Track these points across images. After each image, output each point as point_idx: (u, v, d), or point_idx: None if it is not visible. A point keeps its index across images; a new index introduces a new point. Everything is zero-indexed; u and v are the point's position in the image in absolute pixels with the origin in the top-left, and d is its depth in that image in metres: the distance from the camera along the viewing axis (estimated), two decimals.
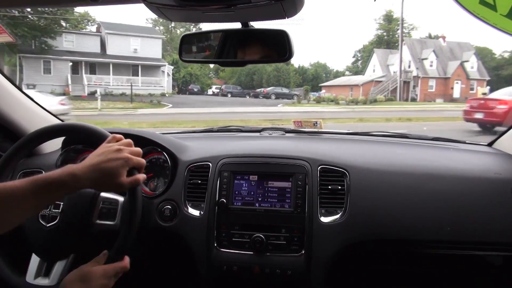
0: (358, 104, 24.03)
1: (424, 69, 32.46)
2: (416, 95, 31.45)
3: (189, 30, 43.24)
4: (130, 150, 1.00)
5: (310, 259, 1.30)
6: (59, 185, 0.90)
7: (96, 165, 0.93)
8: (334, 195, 1.37)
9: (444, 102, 29.24)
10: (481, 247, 1.36)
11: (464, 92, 31.53)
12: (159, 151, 1.52)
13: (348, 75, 44.06)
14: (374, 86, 30.05)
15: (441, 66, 33.02)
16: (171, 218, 1.41)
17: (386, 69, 33.75)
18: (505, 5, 0.85)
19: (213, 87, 34.23)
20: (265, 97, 28.69)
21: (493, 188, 1.36)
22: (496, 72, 38.44)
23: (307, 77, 42.05)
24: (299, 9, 0.99)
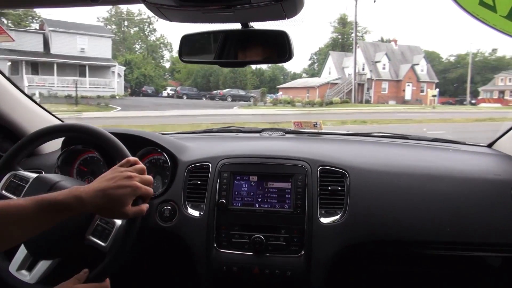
0: (315, 106, 24.12)
1: (377, 72, 33.40)
2: (370, 97, 32.09)
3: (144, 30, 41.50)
4: (140, 178, 0.98)
5: (310, 259, 1.30)
6: (63, 208, 0.89)
7: (103, 190, 0.92)
8: (334, 195, 1.37)
9: (397, 104, 30.19)
10: (481, 248, 1.36)
11: (415, 94, 33.64)
12: (159, 151, 1.52)
13: (305, 77, 43.84)
14: (330, 88, 30.40)
15: (393, 69, 34.07)
16: (170, 218, 1.41)
17: (341, 72, 34.23)
18: (505, 6, 0.85)
19: (168, 89, 33.03)
20: (221, 99, 28.12)
21: (493, 189, 1.36)
22: (443, 75, 40.74)
23: (265, 79, 41.68)
24: (299, 10, 0.99)
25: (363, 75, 32.06)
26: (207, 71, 37.16)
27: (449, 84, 40.57)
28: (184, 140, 1.67)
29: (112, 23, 39.78)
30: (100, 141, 1.18)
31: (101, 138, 1.18)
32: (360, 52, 33.08)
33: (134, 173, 0.98)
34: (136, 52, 39.65)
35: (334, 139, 1.87)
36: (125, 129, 1.57)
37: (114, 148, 1.16)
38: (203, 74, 37.67)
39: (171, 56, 44.88)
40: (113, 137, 1.17)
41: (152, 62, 38.13)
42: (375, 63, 33.81)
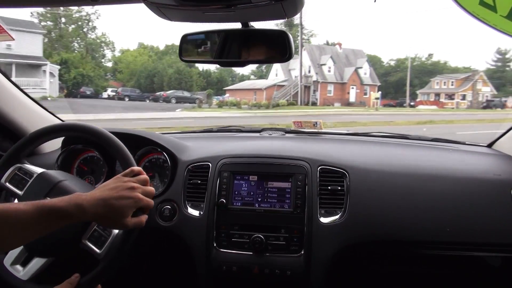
0: (261, 108, 23.81)
1: (323, 74, 33.57)
2: (316, 99, 32.32)
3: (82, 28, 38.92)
4: (143, 190, 0.98)
5: (310, 259, 1.30)
6: (64, 215, 0.89)
7: (105, 199, 0.92)
8: (334, 195, 1.37)
9: (342, 106, 30.71)
10: (480, 248, 1.36)
11: (359, 96, 34.14)
12: (159, 151, 1.52)
13: (253, 79, 43.28)
14: (277, 90, 30.26)
15: (338, 72, 34.38)
16: (170, 218, 1.41)
17: (288, 74, 34.05)
18: (505, 6, 0.85)
19: (109, 90, 31.12)
20: (165, 101, 27.09)
21: (493, 189, 1.36)
22: (384, 78, 42.15)
23: (212, 81, 40.23)
24: (299, 10, 0.99)
25: (309, 77, 32.14)
26: (151, 72, 35.87)
27: (390, 87, 42.35)
28: (184, 140, 1.67)
29: (47, 19, 36.77)
30: (102, 141, 1.18)
31: (103, 139, 1.18)
32: (306, 54, 33.34)
33: (137, 184, 0.98)
34: (74, 51, 37.08)
35: (334, 139, 1.87)
36: (125, 129, 1.57)
37: (117, 151, 1.16)
38: (147, 74, 36.27)
39: (113, 56, 42.60)
40: (116, 139, 1.17)
41: (91, 62, 35.82)
42: (321, 66, 34.10)
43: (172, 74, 34.89)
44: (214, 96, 29.99)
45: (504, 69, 45.34)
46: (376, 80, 36.62)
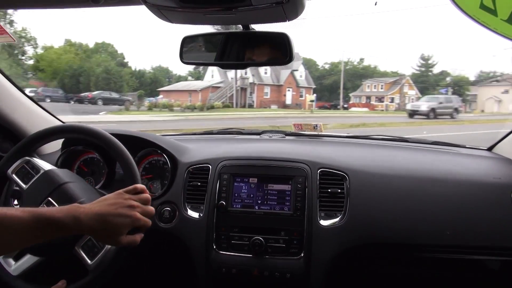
0: (195, 110, 23.02)
1: (259, 76, 33.38)
2: (253, 101, 32.00)
3: None
4: (142, 210, 0.98)
5: (310, 262, 1.30)
6: (60, 226, 0.89)
7: (103, 215, 0.92)
8: (334, 198, 1.37)
9: (278, 108, 30.68)
10: (480, 252, 1.36)
11: (295, 98, 34.28)
12: (159, 152, 1.52)
13: (191, 80, 41.83)
14: (213, 92, 29.93)
15: (274, 74, 34.35)
16: (170, 220, 1.41)
17: (224, 75, 33.24)
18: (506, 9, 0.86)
19: (27, 90, 27.72)
20: (90, 102, 24.67)
21: (493, 193, 1.36)
22: (319, 81, 43.63)
23: (145, 81, 38.93)
24: (300, 12, 0.99)
25: (245, 79, 31.68)
26: (76, 70, 32.58)
27: (325, 90, 43.62)
28: (184, 142, 1.68)
29: None
30: (103, 143, 1.18)
31: (103, 141, 1.18)
32: None
33: (137, 203, 0.97)
34: None
35: (334, 142, 1.87)
36: (125, 130, 1.57)
37: (118, 153, 1.16)
38: (72, 73, 32.61)
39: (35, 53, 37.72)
40: (116, 141, 1.17)
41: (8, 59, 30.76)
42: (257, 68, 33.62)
43: (100, 74, 32.28)
44: (147, 98, 28.40)
45: (427, 73, 48.93)
46: (311, 83, 37.31)
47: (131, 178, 1.13)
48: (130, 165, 1.15)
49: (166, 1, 0.91)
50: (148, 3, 0.93)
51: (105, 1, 1.04)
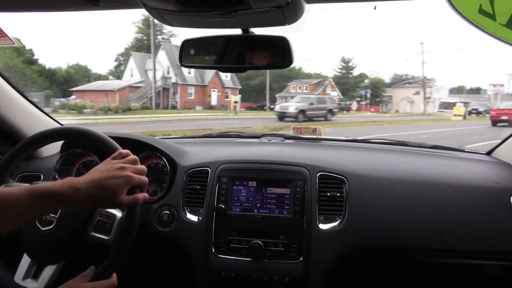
0: (109, 112, 20.65)
1: (183, 76, 32.34)
2: (176, 102, 31.28)
3: None
4: (133, 169, 0.98)
5: (309, 266, 1.30)
6: (58, 198, 0.89)
7: (97, 181, 0.93)
8: (333, 202, 1.37)
9: (203, 109, 30.09)
10: (479, 256, 1.35)
11: (220, 99, 34.21)
12: (158, 155, 1.52)
13: (112, 79, 39.12)
14: (132, 92, 28.34)
15: (198, 74, 33.31)
16: (169, 223, 1.41)
17: (144, 74, 31.86)
18: (505, 14, 0.86)
19: None
20: None
21: (492, 197, 1.36)
22: (246, 81, 43.36)
23: (57, 80, 34.10)
24: (299, 16, 1.00)
25: (168, 79, 30.64)
26: None
27: (252, 91, 43.75)
28: (183, 145, 1.67)
29: None
30: (101, 146, 1.17)
31: (102, 143, 1.17)
32: (164, 54, 31.70)
33: (126, 164, 0.98)
34: None
35: (334, 145, 1.87)
36: (125, 133, 1.57)
37: (107, 147, 1.15)
38: None
39: None
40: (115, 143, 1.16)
41: None
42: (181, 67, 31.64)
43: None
44: (56, 99, 24.85)
45: (348, 75, 51.88)
46: (237, 83, 36.75)
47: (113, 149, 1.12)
48: (109, 143, 1.14)
49: (166, 4, 0.91)
50: (148, 6, 0.93)
51: (105, 4, 1.04)
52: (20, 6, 1.17)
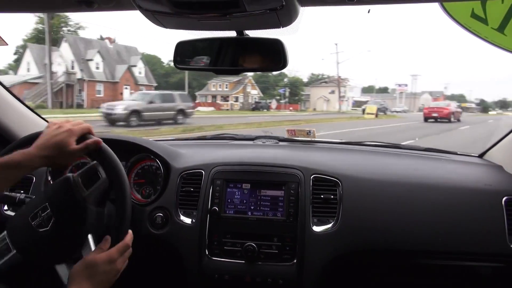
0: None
1: (90, 72, 29.38)
2: (82, 100, 28.19)
3: None
4: (71, 124, 1.06)
5: (302, 268, 1.30)
6: (13, 165, 0.97)
7: (43, 143, 1.01)
8: (327, 204, 1.37)
9: None
10: (472, 258, 1.36)
11: None
12: (152, 158, 1.52)
13: (12, 74, 34.29)
14: (28, 89, 25.09)
15: (108, 69, 30.77)
16: (162, 225, 1.40)
17: (43, 69, 26.79)
18: (496, 19, 0.87)
19: None
20: None
21: (484, 199, 1.37)
22: (165, 79, 43.22)
23: None
24: (294, 19, 1.00)
25: (72, 74, 27.44)
26: None
27: (171, 88, 40.32)
28: (177, 147, 1.67)
29: None
30: None
31: None
32: (67, 47, 29.03)
33: (63, 124, 1.06)
34: None
35: (327, 148, 1.87)
36: (117, 135, 1.56)
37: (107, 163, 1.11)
38: None
39: None
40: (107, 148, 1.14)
41: None
42: (87, 61, 29.45)
43: None
44: None
45: (267, 74, 50.06)
46: (152, 80, 34.59)
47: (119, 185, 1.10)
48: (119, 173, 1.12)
49: (160, 6, 0.91)
50: (142, 8, 0.93)
51: (99, 6, 1.04)
52: (13, 6, 1.16)
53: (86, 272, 0.95)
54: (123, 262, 1.02)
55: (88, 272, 0.95)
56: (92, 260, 0.96)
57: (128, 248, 1.03)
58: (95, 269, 0.96)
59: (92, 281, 0.95)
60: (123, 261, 1.02)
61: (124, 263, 1.02)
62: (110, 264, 0.97)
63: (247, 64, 1.23)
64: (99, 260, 0.96)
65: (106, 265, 0.97)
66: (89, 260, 0.97)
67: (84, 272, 0.95)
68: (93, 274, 0.95)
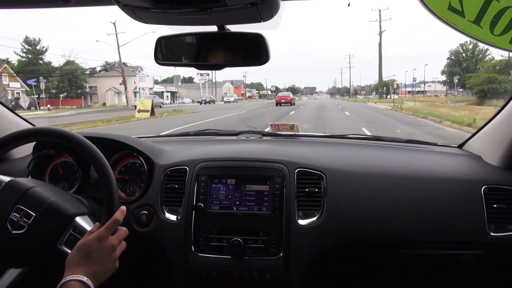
0: None
1: None
2: None
3: None
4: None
5: (288, 261, 1.31)
6: None
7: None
8: (311, 197, 1.38)
9: None
10: (454, 246, 1.40)
11: None
12: (135, 155, 1.50)
13: None
14: None
15: None
16: (147, 223, 1.39)
17: None
18: (472, 11, 0.88)
19: None
20: None
21: (464, 189, 1.40)
22: None
23: None
24: (274, 13, 1.00)
25: None
26: None
27: None
28: (160, 144, 1.65)
29: None
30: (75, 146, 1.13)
31: (76, 144, 1.13)
32: None
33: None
34: None
35: (311, 141, 1.89)
36: (100, 133, 1.54)
37: (90, 156, 1.12)
38: None
39: None
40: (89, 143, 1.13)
41: None
42: None
43: None
44: None
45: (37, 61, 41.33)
46: None
47: (106, 183, 1.10)
48: (104, 168, 1.12)
49: (139, 1, 0.90)
50: (121, 3, 0.92)
51: (76, 1, 1.02)
52: None
53: (78, 256, 0.96)
54: (117, 239, 1.02)
55: (80, 256, 0.96)
56: (81, 243, 0.98)
57: (118, 224, 1.02)
58: (86, 251, 0.96)
59: (86, 263, 0.95)
60: (117, 238, 1.02)
61: (118, 240, 1.02)
62: (100, 242, 0.98)
63: (229, 59, 1.22)
64: (87, 240, 0.98)
65: (96, 243, 0.97)
66: (79, 244, 0.98)
67: (76, 256, 0.96)
68: (85, 256, 0.96)
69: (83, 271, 0.94)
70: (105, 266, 0.98)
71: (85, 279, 0.92)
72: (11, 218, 1.07)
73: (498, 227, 1.34)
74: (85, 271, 0.94)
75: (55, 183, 1.52)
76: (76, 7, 1.07)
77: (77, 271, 0.93)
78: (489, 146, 1.59)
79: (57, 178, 1.53)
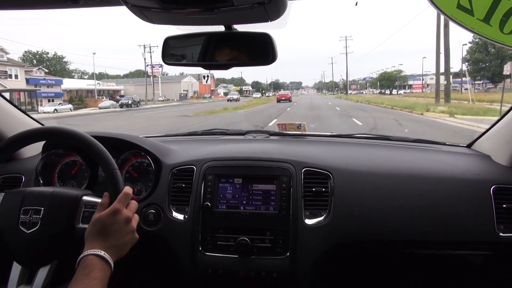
0: None
1: None
2: None
3: None
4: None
5: (295, 261, 1.31)
6: None
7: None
8: (318, 197, 1.38)
9: None
10: (462, 246, 1.38)
11: None
12: (143, 155, 1.51)
13: None
14: None
15: None
16: (155, 222, 1.40)
17: None
18: (482, 9, 0.88)
19: None
20: None
21: (473, 189, 1.39)
22: None
23: None
24: (282, 13, 1.00)
25: None
26: None
27: None
28: (168, 143, 1.66)
29: None
30: (83, 146, 1.14)
31: (84, 143, 1.14)
32: None
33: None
34: None
35: (318, 141, 1.88)
36: (108, 133, 1.55)
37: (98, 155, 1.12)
38: None
39: None
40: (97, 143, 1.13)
41: None
42: None
43: None
44: None
45: None
46: None
47: (113, 182, 1.10)
48: (104, 155, 1.12)
49: (147, 2, 0.90)
50: (129, 4, 0.92)
51: (85, 2, 1.03)
52: None
53: (94, 230, 0.98)
54: (131, 212, 1.04)
55: (96, 229, 0.98)
56: (96, 217, 1.00)
57: (129, 197, 1.04)
58: (101, 225, 0.98)
59: (102, 237, 0.97)
60: (131, 211, 1.04)
61: (132, 213, 1.04)
62: (115, 215, 0.99)
63: (235, 58, 1.22)
64: (103, 215, 0.99)
65: (111, 217, 0.99)
66: (94, 219, 1.00)
67: (92, 230, 0.98)
68: (101, 230, 0.98)
69: (100, 245, 0.95)
70: (123, 238, 1.00)
71: (102, 253, 0.94)
72: (22, 220, 1.08)
73: (507, 227, 1.33)
74: (102, 245, 0.95)
75: (64, 182, 1.53)
76: (85, 7, 1.08)
77: (94, 245, 0.95)
78: (498, 146, 1.57)
79: (66, 177, 1.54)
